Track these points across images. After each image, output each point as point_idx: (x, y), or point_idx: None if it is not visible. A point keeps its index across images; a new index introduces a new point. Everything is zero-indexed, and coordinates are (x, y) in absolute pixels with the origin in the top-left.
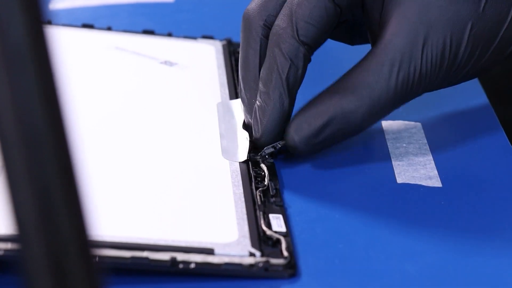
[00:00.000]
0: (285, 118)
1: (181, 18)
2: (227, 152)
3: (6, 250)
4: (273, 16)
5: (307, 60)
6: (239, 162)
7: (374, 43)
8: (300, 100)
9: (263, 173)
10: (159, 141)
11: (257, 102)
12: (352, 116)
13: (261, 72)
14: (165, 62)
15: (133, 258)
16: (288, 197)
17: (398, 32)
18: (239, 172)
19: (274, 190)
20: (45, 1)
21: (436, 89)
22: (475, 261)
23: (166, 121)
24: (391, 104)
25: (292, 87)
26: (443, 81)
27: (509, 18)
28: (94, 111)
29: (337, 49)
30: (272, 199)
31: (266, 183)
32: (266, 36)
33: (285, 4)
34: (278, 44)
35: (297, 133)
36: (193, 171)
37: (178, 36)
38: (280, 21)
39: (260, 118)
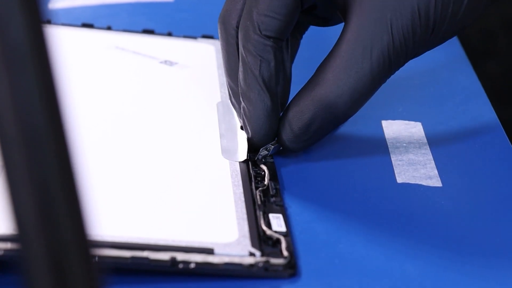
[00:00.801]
0: (270, 114)
1: (181, 18)
2: (227, 152)
3: (6, 250)
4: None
5: (278, 51)
6: (239, 162)
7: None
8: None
9: (263, 173)
10: (159, 141)
11: (242, 105)
12: (335, 107)
13: (238, 75)
14: (165, 62)
15: (133, 258)
16: (288, 197)
17: (362, 12)
18: (239, 172)
19: (274, 190)
20: (45, 1)
21: (422, 53)
22: (475, 261)
23: (166, 121)
24: (372, 84)
25: (269, 82)
26: (423, 45)
27: None
28: (94, 110)
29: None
30: (272, 199)
31: (266, 182)
32: None
33: (246, 2)
34: (245, 43)
35: (285, 135)
36: (193, 171)
37: (178, 35)
38: (243, 20)
39: (247, 120)
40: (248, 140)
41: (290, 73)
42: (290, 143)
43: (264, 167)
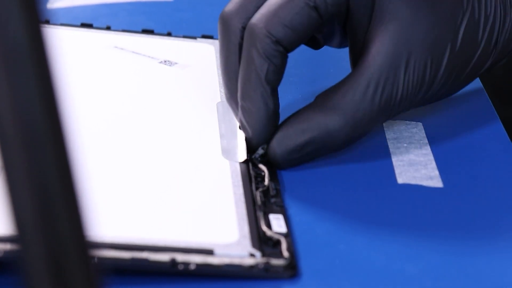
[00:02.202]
0: (272, 117)
1: (181, 17)
2: (227, 152)
3: (5, 251)
4: None
5: (285, 58)
6: (239, 162)
7: (355, 59)
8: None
9: (263, 173)
10: (159, 141)
11: (240, 105)
12: (336, 135)
13: (239, 73)
14: (165, 62)
15: (132, 259)
16: (289, 197)
17: (382, 52)
18: (239, 172)
19: (274, 190)
20: (43, 0)
21: (412, 109)
22: (476, 262)
23: (166, 121)
24: (373, 123)
25: (273, 85)
26: (420, 102)
27: (481, 45)
28: (93, 111)
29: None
30: (273, 199)
31: (266, 183)
32: None
33: (265, 4)
34: (255, 44)
35: (279, 147)
36: (193, 171)
37: (177, 35)
38: (257, 21)
39: (247, 121)
40: (248, 140)
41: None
42: (280, 157)
43: (264, 167)
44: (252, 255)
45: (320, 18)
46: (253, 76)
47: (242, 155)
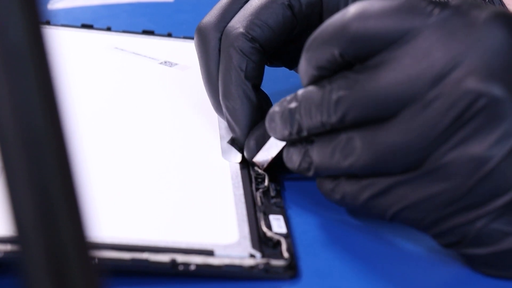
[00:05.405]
0: (257, 112)
1: (181, 18)
2: (227, 153)
3: (5, 252)
4: None
5: (262, 55)
6: (239, 163)
7: None
8: None
9: (263, 174)
10: (159, 142)
11: (224, 105)
12: None
13: (219, 75)
14: (165, 63)
15: (133, 259)
16: (289, 198)
17: None
18: (240, 173)
19: (274, 191)
20: (44, 1)
21: None
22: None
23: (166, 122)
24: None
25: (254, 82)
26: None
27: None
28: (94, 112)
29: None
30: (273, 200)
31: (266, 184)
32: None
33: (241, 9)
34: (232, 43)
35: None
36: (193, 172)
37: (178, 36)
38: (234, 23)
39: (234, 120)
40: (237, 138)
41: None
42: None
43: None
44: (252, 255)
45: (295, 17)
46: (233, 73)
47: (238, 156)
